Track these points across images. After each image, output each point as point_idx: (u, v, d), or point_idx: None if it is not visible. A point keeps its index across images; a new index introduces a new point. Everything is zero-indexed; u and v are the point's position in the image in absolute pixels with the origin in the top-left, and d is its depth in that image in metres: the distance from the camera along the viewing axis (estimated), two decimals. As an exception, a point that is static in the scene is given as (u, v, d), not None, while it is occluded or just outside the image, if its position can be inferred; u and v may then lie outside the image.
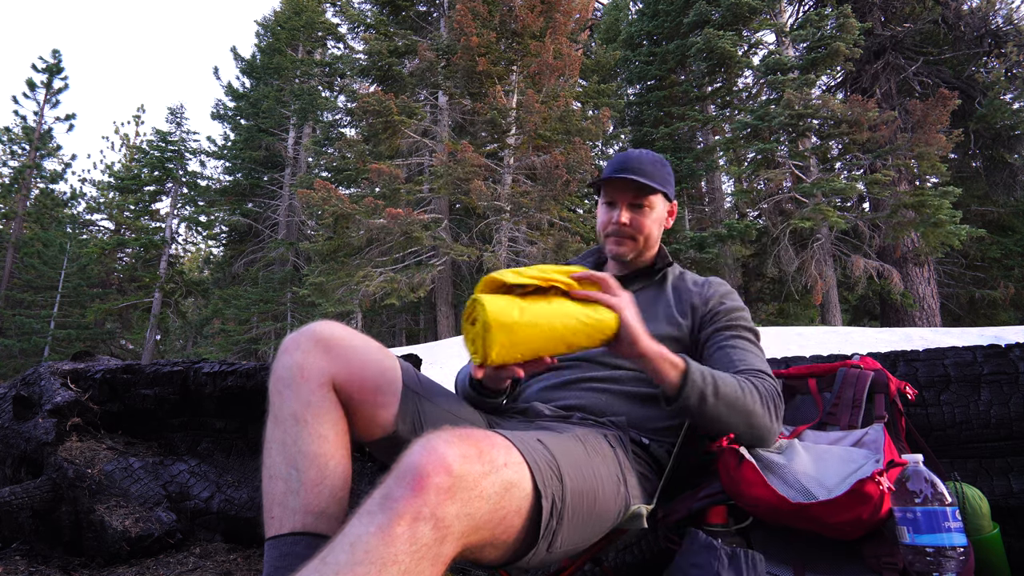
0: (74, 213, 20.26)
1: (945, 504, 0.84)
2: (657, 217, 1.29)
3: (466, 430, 0.70)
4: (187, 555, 1.67)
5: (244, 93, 20.41)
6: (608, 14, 18.42)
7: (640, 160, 1.25)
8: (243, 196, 19.31)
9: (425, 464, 0.62)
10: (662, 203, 1.29)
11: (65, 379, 2.12)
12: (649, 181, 1.23)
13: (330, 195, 10.41)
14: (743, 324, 1.19)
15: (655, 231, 1.29)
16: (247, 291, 16.30)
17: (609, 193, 1.28)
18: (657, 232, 1.30)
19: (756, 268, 13.69)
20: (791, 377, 1.34)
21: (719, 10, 11.94)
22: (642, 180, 1.22)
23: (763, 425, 1.03)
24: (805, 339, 5.74)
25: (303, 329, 0.98)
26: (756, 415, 1.02)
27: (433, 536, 0.60)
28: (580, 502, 0.83)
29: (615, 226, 1.26)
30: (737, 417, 1.01)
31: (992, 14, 11.46)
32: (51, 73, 19.87)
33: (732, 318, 1.19)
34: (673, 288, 1.29)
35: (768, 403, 1.04)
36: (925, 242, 10.24)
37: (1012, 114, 11.00)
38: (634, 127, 15.04)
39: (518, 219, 10.90)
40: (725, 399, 0.99)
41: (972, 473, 1.23)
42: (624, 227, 1.26)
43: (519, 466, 0.72)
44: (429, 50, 11.48)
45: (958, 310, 13.19)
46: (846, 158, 10.92)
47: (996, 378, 1.26)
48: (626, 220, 1.25)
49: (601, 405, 1.14)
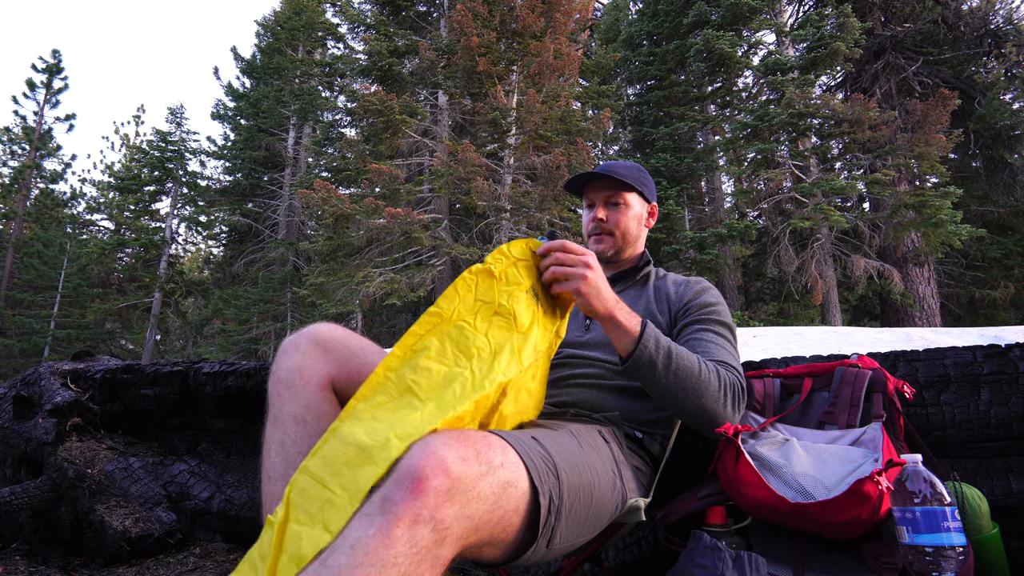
0: (74, 213, 20.25)
1: (944, 504, 0.84)
2: (634, 215, 1.34)
3: (462, 431, 0.70)
4: (187, 555, 1.67)
5: (244, 93, 20.41)
6: (608, 14, 18.42)
7: (615, 164, 1.33)
8: (243, 196, 19.31)
9: (423, 467, 0.62)
10: (639, 202, 1.35)
11: (65, 379, 2.12)
12: (622, 179, 1.29)
13: (330, 195, 10.41)
14: (715, 318, 1.20)
15: (633, 228, 1.34)
16: (247, 291, 16.30)
17: (588, 196, 1.36)
18: (636, 230, 1.35)
19: (756, 268, 13.70)
20: (789, 376, 1.34)
21: (719, 10, 11.93)
22: (615, 177, 1.29)
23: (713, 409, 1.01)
24: (805, 339, 5.74)
25: (302, 331, 0.99)
26: (709, 397, 1.01)
27: (432, 538, 0.61)
28: (577, 498, 0.84)
29: (593, 223, 1.33)
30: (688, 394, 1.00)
31: (992, 14, 11.46)
32: (51, 73, 19.87)
33: (705, 312, 1.21)
34: (654, 288, 1.32)
35: (726, 390, 1.03)
36: (925, 242, 10.24)
37: (1012, 114, 10.99)
38: (634, 127, 15.04)
39: (518, 219, 10.90)
40: (678, 372, 0.99)
41: (972, 473, 1.23)
42: (601, 223, 1.33)
43: (516, 465, 0.72)
44: (429, 50, 11.48)
45: (958, 310, 13.19)
46: (846, 158, 10.92)
47: (996, 378, 1.26)
48: (602, 216, 1.32)
49: (593, 400, 1.15)
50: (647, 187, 1.36)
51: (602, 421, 1.11)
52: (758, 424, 1.22)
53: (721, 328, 1.18)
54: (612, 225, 1.32)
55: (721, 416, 1.02)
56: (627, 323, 0.99)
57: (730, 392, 1.03)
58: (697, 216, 14.63)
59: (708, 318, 1.20)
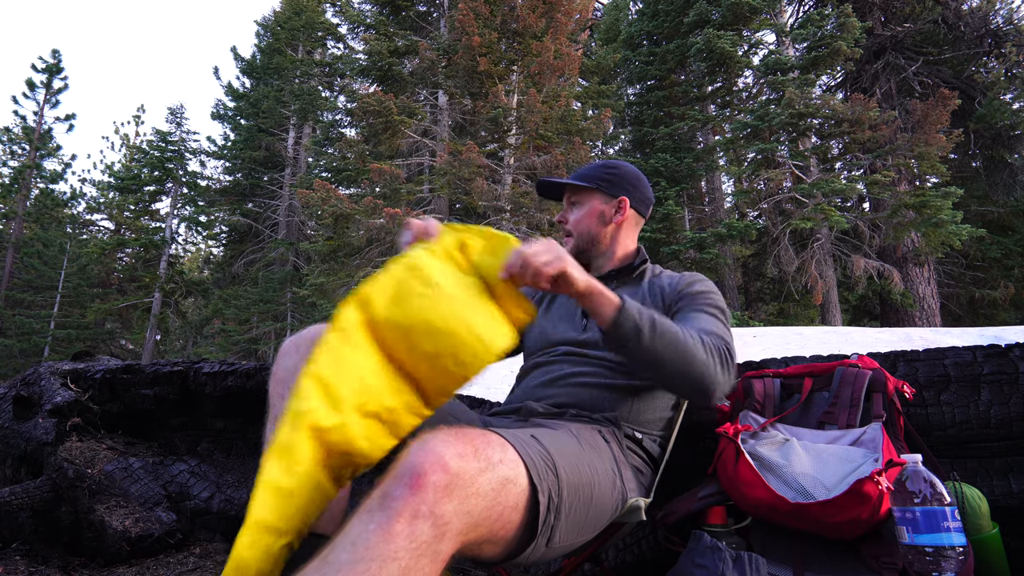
0: (74, 213, 20.24)
1: (944, 504, 0.84)
2: (591, 212, 1.33)
3: (462, 429, 0.71)
4: (187, 555, 1.67)
5: (244, 93, 20.40)
6: (608, 14, 18.41)
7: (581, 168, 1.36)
8: (243, 196, 19.30)
9: (423, 463, 0.63)
10: (599, 200, 1.33)
11: (65, 379, 2.12)
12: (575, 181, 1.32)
13: (330, 195, 10.41)
14: (708, 301, 1.19)
15: (592, 227, 1.33)
16: (247, 291, 16.30)
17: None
18: (597, 228, 1.33)
19: (756, 268, 13.70)
20: (789, 377, 1.34)
21: (719, 10, 11.93)
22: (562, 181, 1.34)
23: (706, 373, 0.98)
24: (805, 339, 5.74)
25: (302, 332, 0.99)
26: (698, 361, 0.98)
27: (432, 533, 0.61)
28: (577, 496, 0.84)
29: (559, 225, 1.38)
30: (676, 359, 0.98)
31: (992, 14, 11.46)
32: (51, 73, 19.86)
33: (698, 299, 1.20)
34: (649, 284, 1.31)
35: (713, 353, 1.01)
36: (925, 242, 10.24)
37: (1012, 114, 10.99)
38: (634, 127, 15.04)
39: (518, 219, 10.90)
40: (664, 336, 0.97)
41: (972, 473, 1.23)
42: (561, 224, 1.37)
43: (515, 462, 0.73)
44: (430, 50, 11.48)
45: (958, 310, 13.18)
46: (846, 158, 10.92)
47: (996, 378, 1.26)
48: (560, 217, 1.37)
49: (591, 401, 1.15)
50: (612, 183, 1.32)
51: (602, 421, 1.11)
52: (758, 424, 1.22)
53: (713, 309, 1.16)
54: (571, 226, 1.35)
55: (713, 380, 0.99)
56: (608, 294, 0.97)
57: (716, 353, 1.01)
58: (697, 216, 14.63)
59: (701, 300, 1.19)
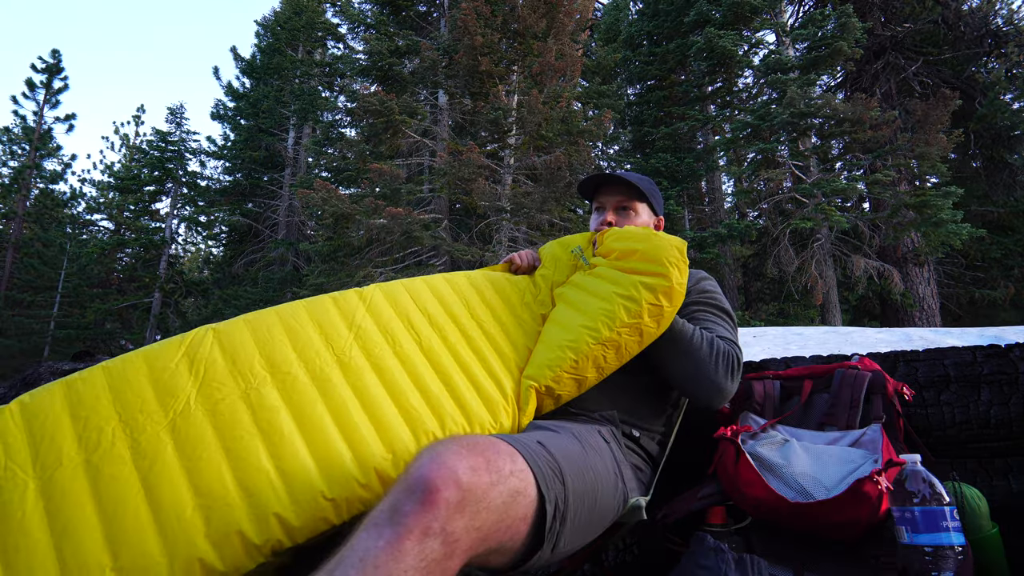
0: (74, 213, 20.24)
1: (943, 504, 0.84)
2: (642, 223, 1.34)
3: (472, 438, 0.70)
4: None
5: (244, 93, 20.39)
6: (608, 14, 18.41)
7: (629, 173, 1.36)
8: (243, 196, 19.29)
9: (435, 478, 0.61)
10: (647, 213, 1.36)
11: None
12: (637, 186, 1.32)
13: (330, 195, 10.41)
14: (712, 302, 1.21)
15: None
16: (247, 291, 16.29)
17: (599, 199, 1.36)
18: None
19: (756, 268, 13.69)
20: (789, 378, 1.34)
21: (720, 10, 11.93)
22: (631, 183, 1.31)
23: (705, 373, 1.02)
24: (805, 339, 5.74)
25: None
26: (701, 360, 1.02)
27: (442, 551, 0.60)
28: (581, 502, 0.84)
29: (602, 227, 1.32)
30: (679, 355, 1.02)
31: (992, 14, 11.46)
32: (51, 73, 19.86)
33: (704, 296, 1.22)
34: None
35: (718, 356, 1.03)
36: (925, 242, 10.23)
37: (1012, 114, 10.99)
38: (634, 127, 15.04)
39: (519, 219, 10.90)
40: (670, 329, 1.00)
41: (972, 473, 1.23)
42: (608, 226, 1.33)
43: (524, 473, 0.72)
44: (430, 49, 11.48)
45: (958, 310, 13.17)
46: (846, 158, 10.91)
47: (996, 378, 1.26)
48: (612, 220, 1.32)
49: (591, 399, 1.15)
50: (657, 200, 1.38)
51: (600, 420, 1.11)
52: (758, 425, 1.22)
53: (719, 311, 1.20)
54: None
55: (714, 381, 1.02)
56: None
57: (721, 358, 1.03)
58: (697, 216, 14.63)
59: (707, 301, 1.21)
